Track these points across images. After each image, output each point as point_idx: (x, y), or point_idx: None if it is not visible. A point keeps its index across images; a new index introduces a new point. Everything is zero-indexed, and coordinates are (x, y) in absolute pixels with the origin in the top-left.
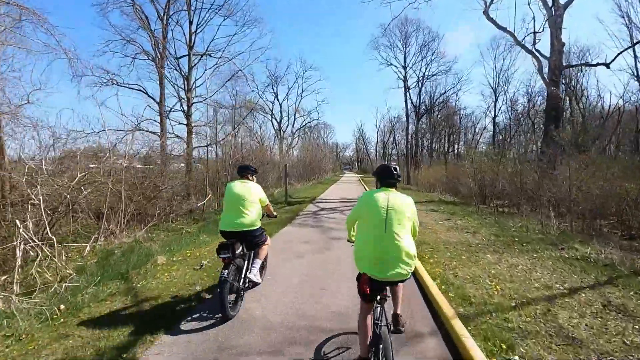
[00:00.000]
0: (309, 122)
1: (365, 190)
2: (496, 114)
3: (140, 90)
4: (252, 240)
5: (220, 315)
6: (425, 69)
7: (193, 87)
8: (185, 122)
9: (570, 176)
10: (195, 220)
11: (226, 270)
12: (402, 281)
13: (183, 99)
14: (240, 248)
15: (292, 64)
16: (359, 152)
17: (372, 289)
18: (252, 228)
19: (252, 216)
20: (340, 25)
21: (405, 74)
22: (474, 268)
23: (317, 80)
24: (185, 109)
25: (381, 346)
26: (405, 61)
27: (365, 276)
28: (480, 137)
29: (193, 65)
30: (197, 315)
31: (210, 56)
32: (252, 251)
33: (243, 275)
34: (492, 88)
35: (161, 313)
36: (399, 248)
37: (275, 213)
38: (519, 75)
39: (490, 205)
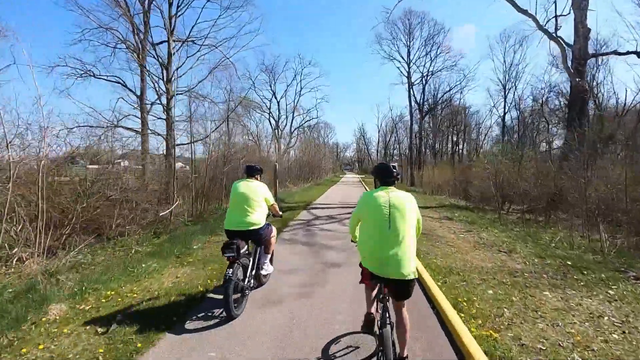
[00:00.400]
0: (308, 121)
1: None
2: (506, 110)
3: (119, 82)
4: (257, 237)
5: (225, 314)
6: (430, 65)
7: (173, 77)
8: (164, 117)
9: (626, 179)
10: (157, 233)
11: (231, 269)
12: (405, 286)
13: (162, 91)
14: (245, 247)
15: (289, 61)
16: (359, 152)
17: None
18: (257, 227)
19: (257, 215)
20: (340, 24)
21: (409, 69)
22: (540, 323)
23: (317, 77)
24: (165, 102)
25: (382, 346)
26: (409, 56)
27: (367, 270)
28: (484, 137)
29: (173, 52)
30: (202, 314)
31: (194, 42)
32: (260, 247)
33: (248, 274)
34: (501, 84)
35: None
36: (403, 246)
37: (280, 212)
38: (530, 69)
39: (509, 211)
